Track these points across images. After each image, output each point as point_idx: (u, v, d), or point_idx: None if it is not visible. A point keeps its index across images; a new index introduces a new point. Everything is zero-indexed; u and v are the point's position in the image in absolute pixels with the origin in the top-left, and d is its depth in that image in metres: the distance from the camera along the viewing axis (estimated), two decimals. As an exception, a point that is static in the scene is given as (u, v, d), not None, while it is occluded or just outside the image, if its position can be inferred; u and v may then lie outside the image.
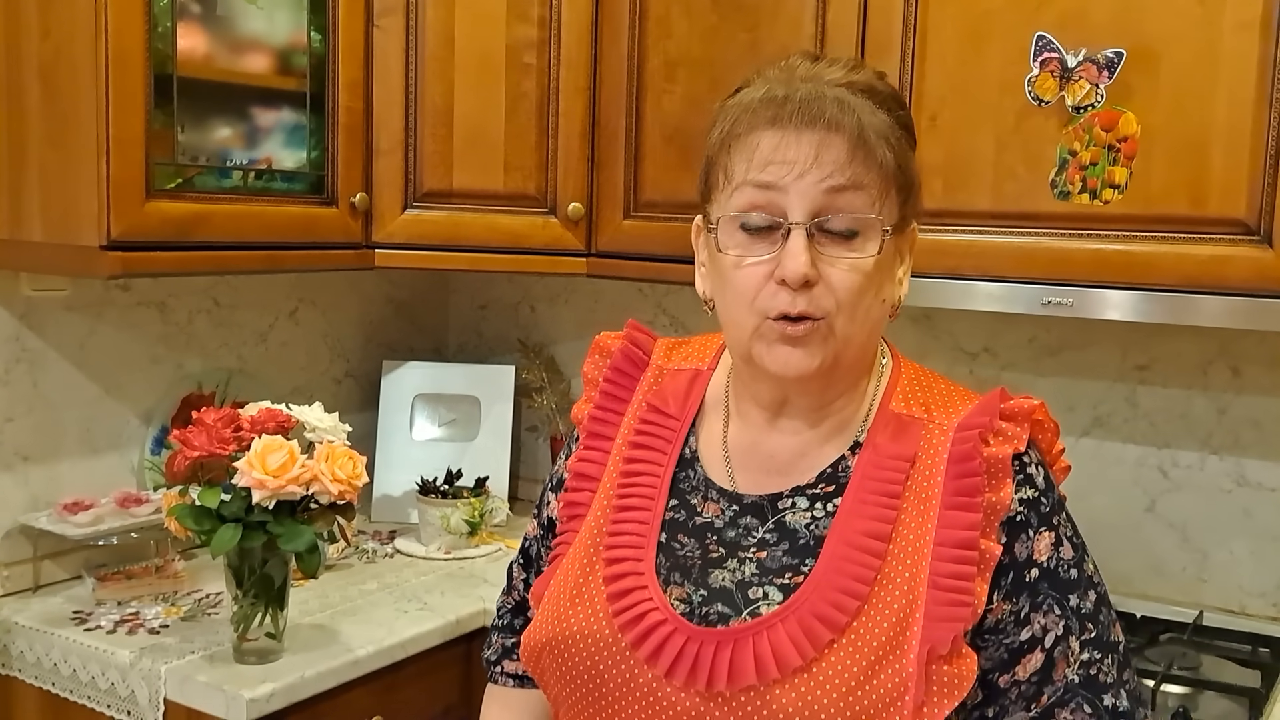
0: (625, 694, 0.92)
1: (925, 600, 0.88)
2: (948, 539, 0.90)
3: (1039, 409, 0.95)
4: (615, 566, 0.96)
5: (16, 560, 1.76)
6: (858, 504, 0.93)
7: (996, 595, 0.90)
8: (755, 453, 0.99)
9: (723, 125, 0.95)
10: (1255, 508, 1.78)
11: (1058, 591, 0.92)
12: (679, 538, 0.97)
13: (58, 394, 1.81)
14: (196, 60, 1.64)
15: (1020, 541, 0.92)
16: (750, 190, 0.92)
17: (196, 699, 1.48)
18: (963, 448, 0.92)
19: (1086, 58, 1.52)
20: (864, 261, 0.91)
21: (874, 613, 0.88)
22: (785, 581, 0.91)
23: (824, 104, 0.90)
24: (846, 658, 0.87)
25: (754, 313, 0.92)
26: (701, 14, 1.82)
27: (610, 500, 1.01)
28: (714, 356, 1.07)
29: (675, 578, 0.95)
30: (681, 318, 2.26)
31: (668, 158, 1.87)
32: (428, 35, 1.88)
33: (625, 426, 1.05)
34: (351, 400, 2.29)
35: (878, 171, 0.90)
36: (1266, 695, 1.52)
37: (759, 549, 0.94)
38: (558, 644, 0.95)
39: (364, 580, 1.89)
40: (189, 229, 1.62)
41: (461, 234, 1.93)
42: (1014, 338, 1.93)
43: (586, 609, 0.95)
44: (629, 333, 1.09)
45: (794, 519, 0.95)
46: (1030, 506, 0.92)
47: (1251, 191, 1.44)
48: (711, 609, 0.92)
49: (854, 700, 0.85)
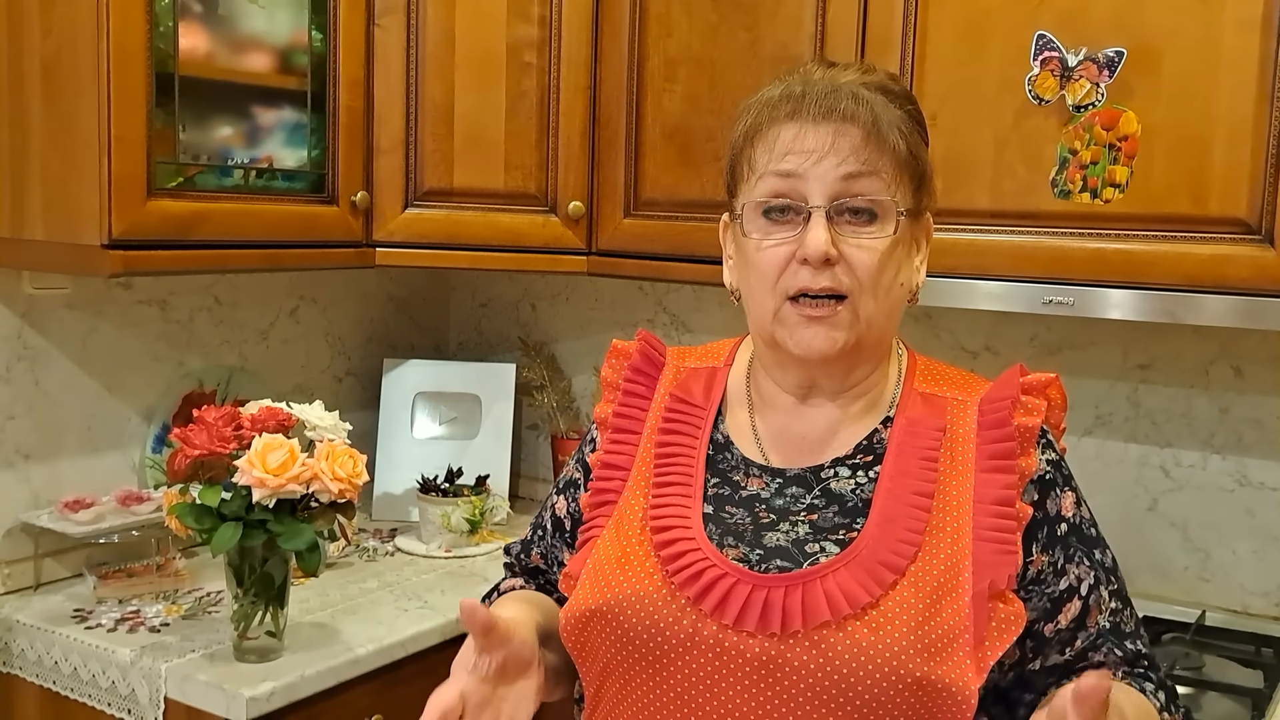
0: (689, 648, 0.94)
1: (972, 551, 0.94)
2: (987, 497, 0.96)
3: (1053, 383, 1.02)
4: (664, 534, 0.99)
5: (17, 558, 1.77)
6: (899, 469, 0.98)
7: (1035, 548, 0.98)
8: (786, 435, 1.04)
9: (745, 120, 1.01)
10: (1257, 507, 1.78)
11: (1085, 545, 1.00)
12: (726, 509, 1.01)
13: (59, 392, 1.82)
14: (198, 59, 1.64)
15: (1051, 499, 1.00)
16: (772, 179, 0.98)
17: (197, 697, 1.48)
18: (994, 416, 1.00)
19: (1087, 57, 1.52)
20: (881, 241, 0.97)
21: (928, 558, 0.94)
22: (840, 538, 0.96)
23: (839, 97, 0.96)
24: (910, 595, 0.92)
25: (776, 293, 0.98)
26: (701, 13, 1.82)
27: (645, 484, 1.04)
28: (729, 354, 1.12)
29: (729, 541, 0.98)
30: (682, 316, 2.26)
31: (668, 156, 1.87)
32: (428, 34, 1.88)
33: (651, 420, 1.08)
34: (352, 398, 2.29)
35: (891, 158, 0.97)
36: (1269, 695, 1.52)
37: (809, 512, 0.99)
38: (608, 610, 0.97)
39: (364, 579, 1.89)
40: (190, 227, 1.62)
41: (462, 233, 1.93)
42: (1015, 336, 1.93)
43: (636, 573, 0.97)
44: (644, 337, 1.14)
45: (839, 485, 1.00)
46: (1055, 468, 1.01)
47: (1252, 191, 1.44)
48: (770, 564, 0.96)
49: (923, 634, 0.90)
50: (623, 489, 1.05)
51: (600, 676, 1.00)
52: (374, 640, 1.62)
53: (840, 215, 0.96)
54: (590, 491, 1.07)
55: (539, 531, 1.18)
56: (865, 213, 0.96)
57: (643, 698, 0.96)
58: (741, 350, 1.11)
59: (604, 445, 1.09)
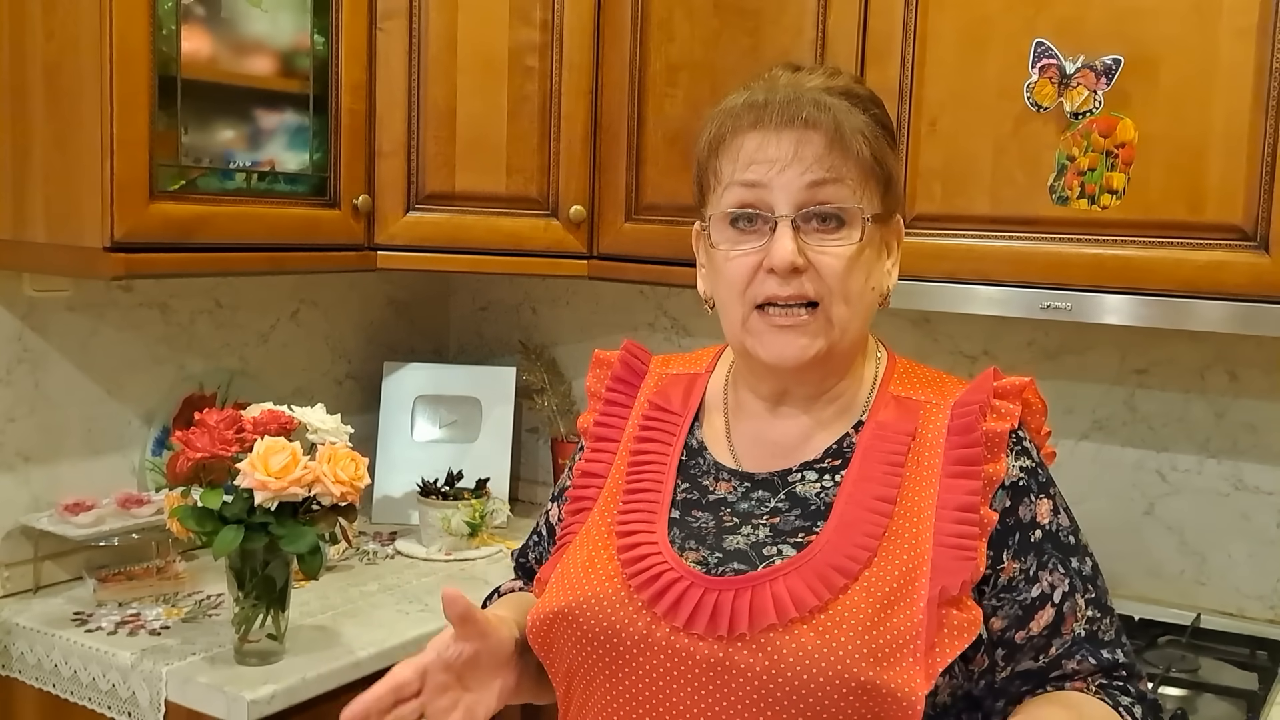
0: (642, 649, 0.95)
1: (931, 557, 0.93)
2: (950, 503, 0.95)
3: (1029, 387, 1.01)
4: (628, 538, 1.00)
5: (17, 561, 1.77)
6: (863, 473, 0.98)
7: (1006, 555, 0.97)
8: (760, 441, 1.04)
9: (709, 130, 1.01)
10: (1253, 511, 1.79)
11: (1060, 553, 0.99)
12: (692, 512, 1.02)
13: (59, 394, 1.82)
14: (200, 62, 1.64)
15: (1024, 505, 0.98)
16: (738, 189, 0.98)
17: (197, 700, 1.49)
18: (963, 421, 0.99)
19: (1085, 64, 1.53)
20: (848, 248, 0.97)
21: (883, 563, 0.93)
22: (798, 540, 0.96)
23: (801, 105, 0.96)
24: (860, 600, 0.91)
25: (745, 302, 0.98)
26: (703, 18, 1.83)
27: (618, 491, 1.05)
28: (710, 361, 1.13)
29: (690, 544, 0.99)
30: (682, 320, 2.27)
31: (669, 161, 1.88)
32: (430, 38, 1.88)
33: (629, 428, 1.09)
34: (352, 401, 2.29)
35: (855, 164, 0.96)
36: (1264, 698, 1.53)
37: (771, 515, 0.99)
38: (570, 611, 0.98)
39: (365, 581, 1.89)
40: (192, 230, 1.63)
41: (463, 236, 1.93)
42: (1013, 341, 1.93)
43: (599, 576, 0.99)
44: (627, 345, 1.15)
45: (804, 489, 1.00)
46: (1029, 474, 0.99)
47: (1248, 198, 1.45)
48: (727, 568, 0.96)
49: (870, 638, 0.90)
50: (598, 496, 1.06)
51: (567, 678, 1.01)
52: (375, 643, 1.63)
53: (807, 223, 0.96)
54: (568, 500, 1.09)
55: (534, 537, 1.20)
56: (832, 219, 0.96)
57: (603, 698, 0.97)
58: (724, 357, 1.12)
59: (585, 454, 1.10)
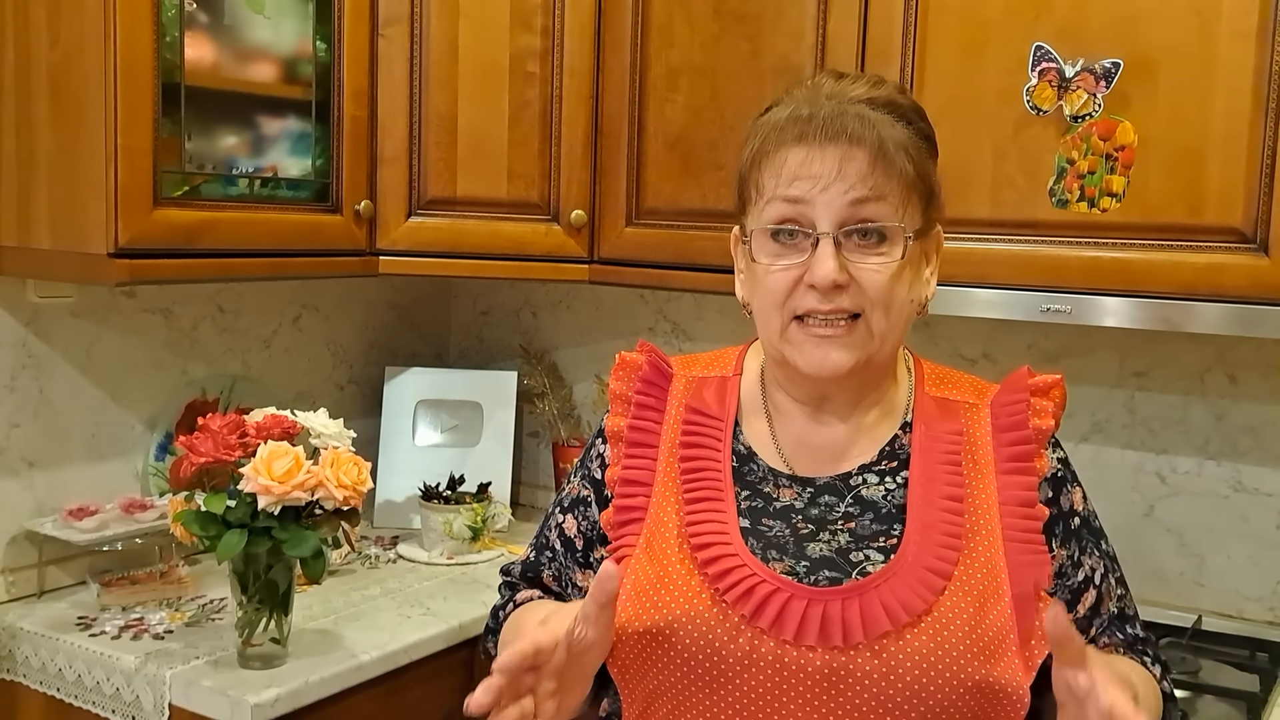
0: (747, 666, 0.93)
1: (1006, 553, 0.96)
2: (1011, 499, 0.99)
3: (1059, 384, 1.05)
4: (705, 551, 0.97)
5: (21, 565, 1.77)
6: (927, 474, 1.00)
7: (1054, 543, 1.01)
8: (806, 445, 1.05)
9: (753, 143, 1.01)
10: (1252, 513, 1.79)
11: (1094, 536, 1.05)
12: (763, 521, 1.01)
13: (63, 400, 1.82)
14: (204, 69, 1.65)
15: (1064, 495, 1.04)
16: (780, 204, 0.98)
17: (201, 704, 1.49)
18: (1010, 419, 1.02)
19: (1084, 68, 1.53)
20: (889, 265, 0.98)
21: (969, 562, 0.96)
22: (882, 544, 0.97)
23: (846, 120, 0.96)
24: (960, 600, 0.94)
25: (784, 313, 0.99)
26: (703, 23, 1.83)
27: (673, 499, 1.02)
28: (736, 363, 1.11)
29: (772, 554, 0.98)
30: (683, 324, 2.28)
31: (670, 165, 1.88)
32: (432, 44, 1.89)
33: (667, 432, 1.06)
34: (354, 406, 2.29)
35: (899, 181, 0.97)
36: (1264, 699, 1.53)
37: (846, 520, 1.00)
38: (661, 631, 0.95)
39: (367, 585, 1.90)
40: (195, 236, 1.63)
41: (465, 241, 1.94)
42: (1013, 344, 1.94)
43: (683, 592, 0.96)
44: (647, 348, 1.12)
45: (869, 493, 1.01)
46: (1064, 465, 1.05)
47: (1248, 200, 1.46)
48: (819, 575, 0.96)
49: (976, 637, 0.92)
50: (648, 505, 1.03)
51: (648, 699, 0.98)
52: (377, 647, 1.63)
53: (849, 239, 0.97)
54: (613, 509, 1.05)
55: (548, 552, 1.14)
56: (874, 234, 0.97)
57: (697, 719, 0.95)
58: (749, 358, 1.10)
59: (621, 460, 1.06)
